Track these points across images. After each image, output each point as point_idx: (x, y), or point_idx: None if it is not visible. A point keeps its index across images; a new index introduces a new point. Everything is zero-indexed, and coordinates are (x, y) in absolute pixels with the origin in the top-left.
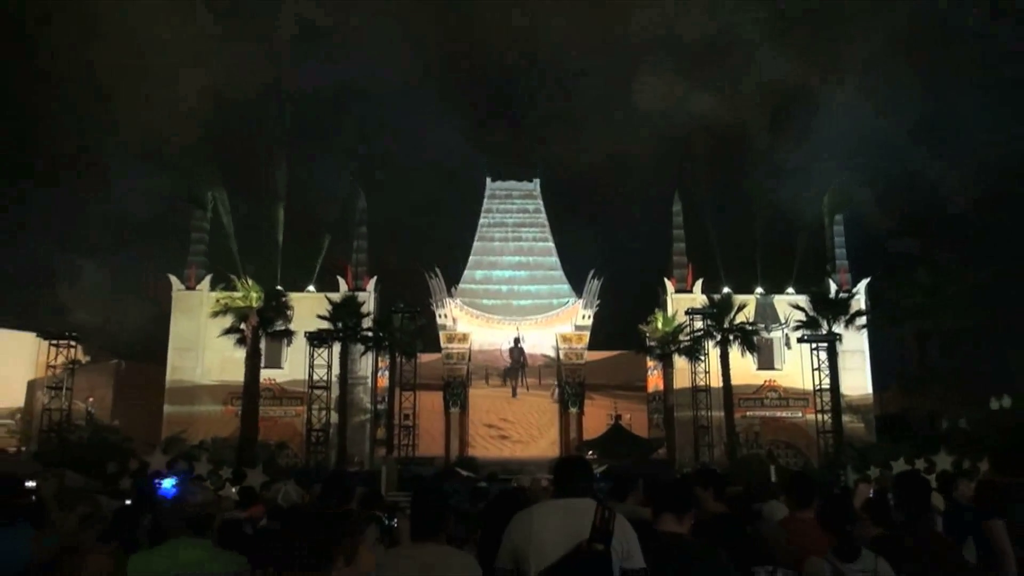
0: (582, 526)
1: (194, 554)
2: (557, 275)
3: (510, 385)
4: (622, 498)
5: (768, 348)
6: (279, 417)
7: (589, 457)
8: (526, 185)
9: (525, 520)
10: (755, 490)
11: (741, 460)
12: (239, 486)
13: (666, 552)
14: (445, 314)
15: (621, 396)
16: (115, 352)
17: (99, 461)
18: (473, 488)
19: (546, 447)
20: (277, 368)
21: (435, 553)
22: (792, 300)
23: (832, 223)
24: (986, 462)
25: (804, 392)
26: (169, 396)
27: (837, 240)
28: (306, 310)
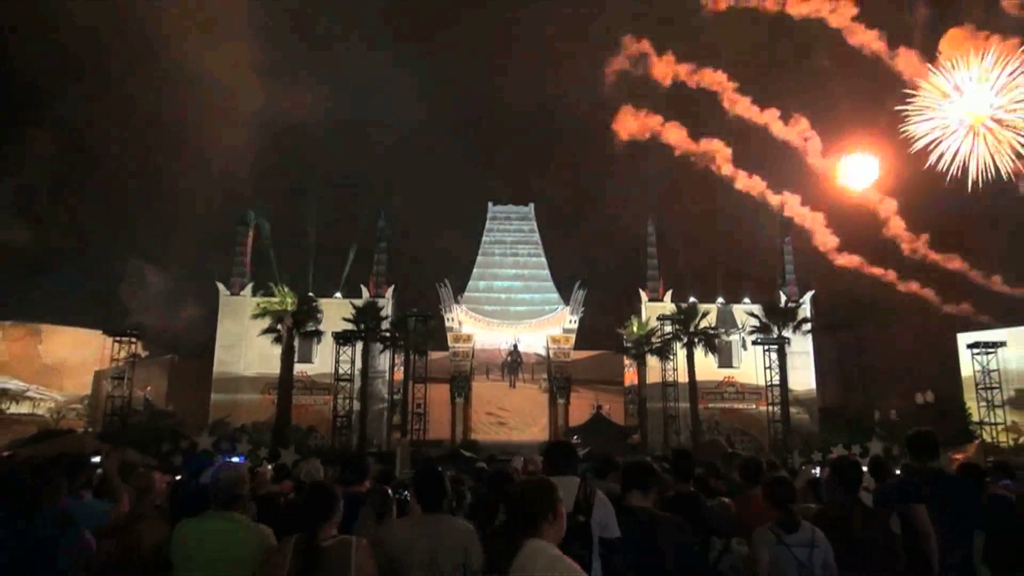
0: (567, 500)
1: (221, 524)
2: (548, 285)
3: (507, 379)
4: (603, 477)
5: (727, 349)
6: (309, 405)
7: (574, 441)
8: (522, 209)
9: None
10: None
11: (703, 445)
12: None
13: (633, 522)
14: (452, 318)
15: (602, 389)
16: (170, 348)
17: (155, 441)
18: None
19: (537, 432)
20: (308, 363)
21: (440, 521)
22: (748, 309)
23: (783, 243)
24: None
25: (758, 387)
26: (215, 386)
27: (787, 258)
28: (334, 313)
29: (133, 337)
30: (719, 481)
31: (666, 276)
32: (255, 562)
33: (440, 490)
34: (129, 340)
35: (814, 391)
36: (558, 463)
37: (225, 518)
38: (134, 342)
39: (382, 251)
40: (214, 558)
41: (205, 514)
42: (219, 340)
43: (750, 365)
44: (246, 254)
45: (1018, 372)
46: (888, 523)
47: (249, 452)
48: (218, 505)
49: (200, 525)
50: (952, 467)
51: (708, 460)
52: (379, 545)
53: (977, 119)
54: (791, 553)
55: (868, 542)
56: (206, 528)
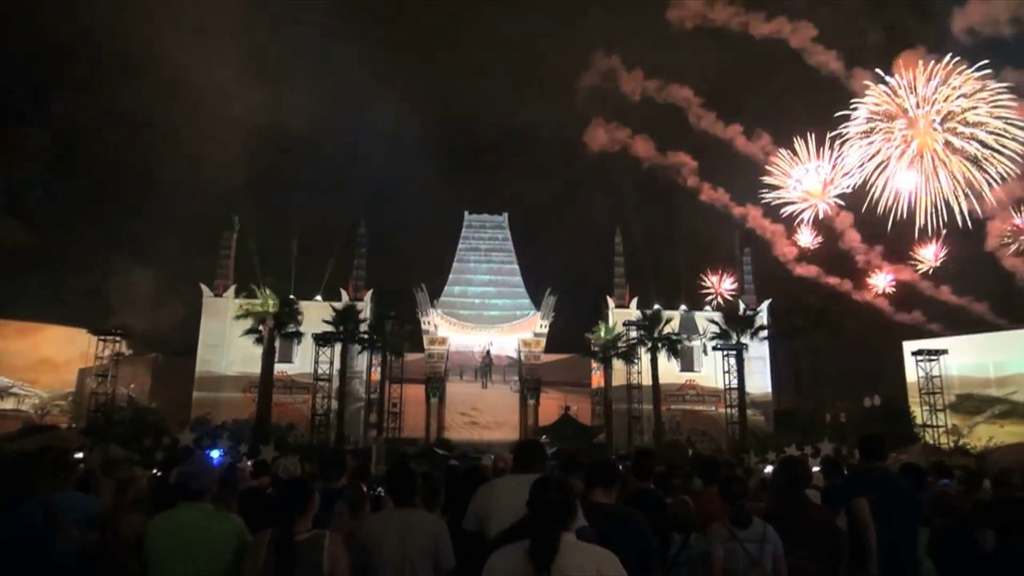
0: None
1: (192, 515)
2: (520, 291)
3: (480, 381)
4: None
5: (689, 354)
6: (289, 403)
7: (543, 441)
8: (496, 218)
9: (488, 491)
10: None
11: (665, 445)
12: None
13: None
14: (428, 321)
15: (570, 391)
16: (154, 347)
17: (138, 437)
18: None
19: (508, 431)
20: (288, 363)
21: (412, 515)
22: (709, 316)
23: (742, 255)
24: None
25: (717, 390)
26: (198, 384)
27: (746, 268)
28: (314, 315)
29: (118, 336)
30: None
31: (633, 284)
32: (227, 550)
33: (412, 485)
34: (113, 339)
35: (770, 394)
36: (526, 461)
37: (195, 508)
38: (119, 341)
39: (362, 256)
40: (186, 548)
41: (178, 506)
42: (202, 340)
43: (710, 369)
44: (230, 257)
45: (959, 378)
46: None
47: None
48: (188, 496)
49: (172, 516)
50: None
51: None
52: (353, 537)
53: (923, 141)
54: (743, 548)
55: (815, 537)
56: (177, 519)
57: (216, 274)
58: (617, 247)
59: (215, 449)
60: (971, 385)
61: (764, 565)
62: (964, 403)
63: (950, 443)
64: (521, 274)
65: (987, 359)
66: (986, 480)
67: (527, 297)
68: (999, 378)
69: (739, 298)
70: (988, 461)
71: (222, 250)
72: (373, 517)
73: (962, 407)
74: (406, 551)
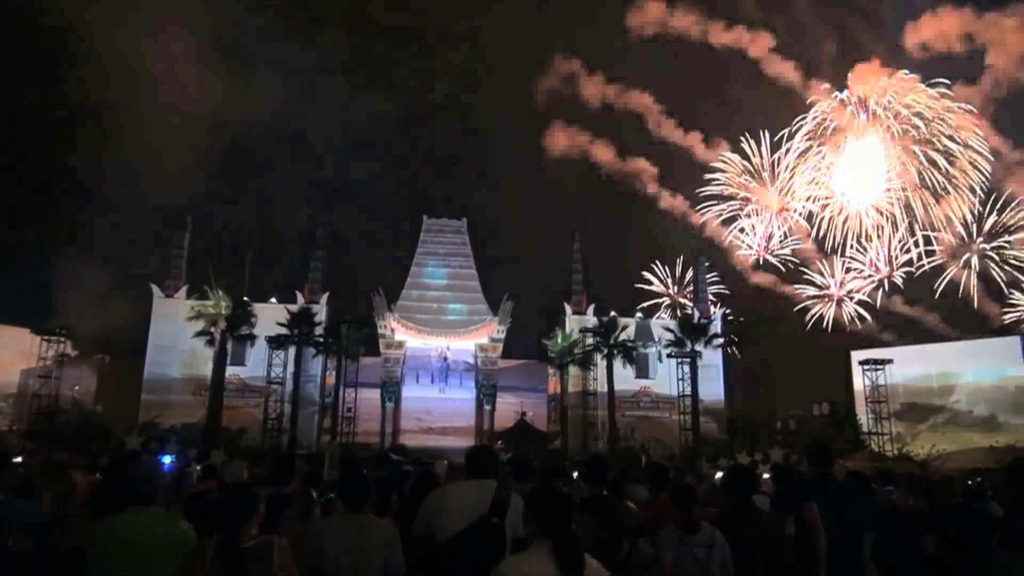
0: (484, 502)
1: (138, 519)
2: (478, 296)
3: (437, 386)
4: (522, 479)
5: (644, 361)
6: (241, 407)
7: (498, 446)
8: (455, 222)
9: (439, 496)
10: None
11: (619, 451)
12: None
13: None
14: (385, 325)
15: (526, 397)
16: (100, 348)
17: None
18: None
19: (464, 437)
20: (241, 366)
21: (363, 521)
22: (664, 324)
23: (698, 264)
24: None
25: (671, 397)
26: (146, 387)
27: (701, 277)
28: (268, 318)
29: (62, 336)
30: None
31: (590, 290)
32: (175, 556)
33: (363, 490)
34: (57, 339)
35: (722, 402)
36: (478, 466)
37: (143, 514)
38: (63, 341)
39: (318, 258)
40: (134, 554)
41: (125, 511)
42: (151, 341)
43: (665, 376)
44: (182, 257)
45: (904, 387)
46: (783, 524)
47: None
48: (135, 501)
49: (120, 522)
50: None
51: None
52: (302, 544)
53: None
54: (692, 553)
55: (762, 542)
56: (125, 524)
57: (167, 274)
58: (575, 253)
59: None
60: (916, 394)
61: (713, 570)
62: (909, 411)
63: (894, 450)
64: (479, 279)
65: (931, 369)
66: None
67: (485, 302)
68: (942, 387)
69: (694, 306)
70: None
71: (174, 250)
72: (323, 523)
73: (907, 415)
74: (357, 557)
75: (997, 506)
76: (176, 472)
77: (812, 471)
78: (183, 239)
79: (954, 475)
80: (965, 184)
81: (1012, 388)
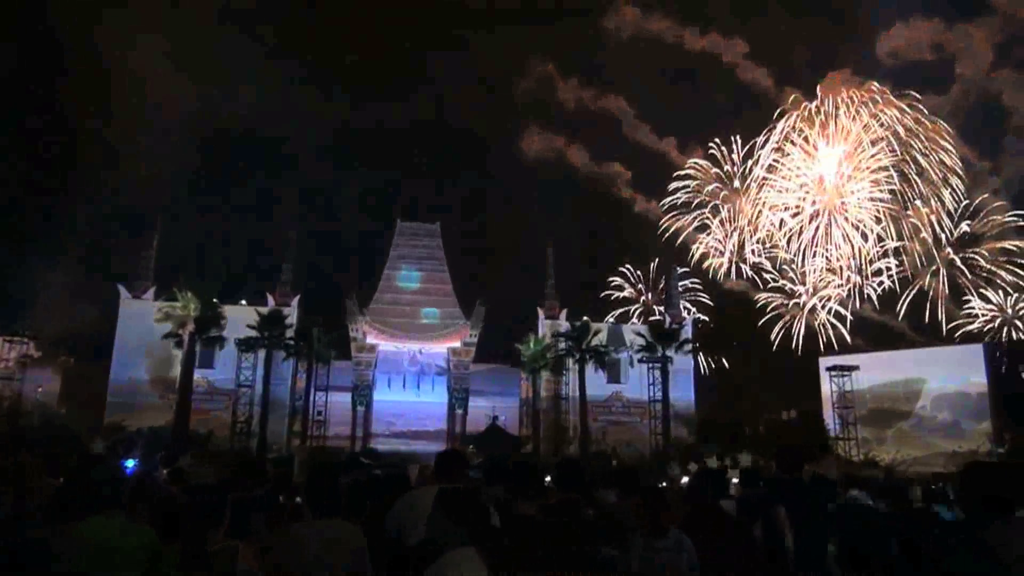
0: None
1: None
2: (451, 300)
3: (409, 390)
4: (492, 484)
5: (616, 366)
6: (209, 410)
7: (470, 451)
8: (429, 226)
9: (409, 499)
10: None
11: (591, 455)
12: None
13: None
14: (357, 329)
15: (499, 401)
16: (65, 349)
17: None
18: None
19: (436, 441)
20: (209, 368)
21: (331, 525)
22: (636, 329)
23: (669, 270)
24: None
25: (642, 402)
26: (112, 390)
27: (672, 283)
28: (238, 320)
29: (25, 337)
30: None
31: (563, 295)
32: (137, 562)
33: (331, 495)
34: (21, 340)
35: (693, 406)
36: (447, 470)
37: (103, 518)
38: (26, 342)
39: (290, 261)
40: (95, 560)
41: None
42: (118, 343)
43: (636, 381)
44: (151, 257)
45: (870, 393)
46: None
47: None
48: (96, 506)
49: (80, 527)
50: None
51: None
52: (269, 548)
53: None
54: (660, 556)
55: (729, 545)
56: (84, 530)
57: (136, 275)
58: (548, 258)
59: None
60: (882, 400)
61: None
62: (875, 417)
63: (860, 455)
64: (452, 283)
65: (898, 375)
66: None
67: (458, 306)
68: (908, 393)
69: (665, 312)
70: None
71: (143, 251)
72: (292, 527)
73: (873, 420)
74: (325, 561)
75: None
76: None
77: (781, 475)
78: (152, 239)
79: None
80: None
81: (975, 395)
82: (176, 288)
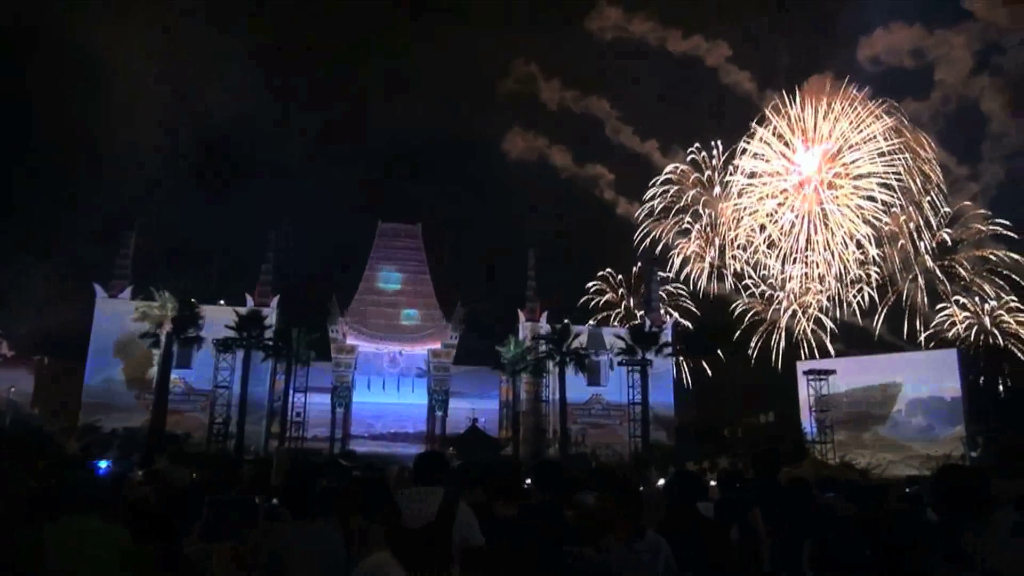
0: (432, 510)
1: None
2: (432, 302)
3: (388, 391)
4: (472, 487)
5: (596, 369)
6: (186, 411)
7: (450, 453)
8: (410, 227)
9: None
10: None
11: (571, 457)
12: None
13: (497, 529)
14: (337, 330)
15: (479, 403)
16: (39, 349)
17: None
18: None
19: (416, 443)
20: (187, 369)
21: (308, 527)
22: (616, 332)
23: (650, 273)
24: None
25: (622, 404)
26: (87, 390)
27: (652, 286)
28: (217, 320)
29: None
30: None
31: (544, 298)
32: (112, 564)
33: (311, 498)
34: None
35: (672, 409)
36: (426, 473)
37: (79, 521)
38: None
39: (270, 260)
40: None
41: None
42: (93, 343)
43: (616, 384)
44: (129, 256)
45: (847, 397)
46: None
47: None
48: (68, 508)
49: (55, 529)
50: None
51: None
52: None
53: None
54: (638, 558)
55: (705, 547)
56: (60, 532)
57: (113, 274)
58: (530, 260)
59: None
60: (858, 404)
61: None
62: (852, 420)
63: (837, 458)
64: (433, 285)
65: (874, 380)
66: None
67: (438, 308)
68: (883, 397)
69: (645, 315)
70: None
71: (120, 249)
72: (270, 530)
73: (850, 424)
74: (302, 564)
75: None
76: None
77: (757, 478)
78: (130, 239)
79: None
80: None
81: (948, 399)
82: (154, 287)
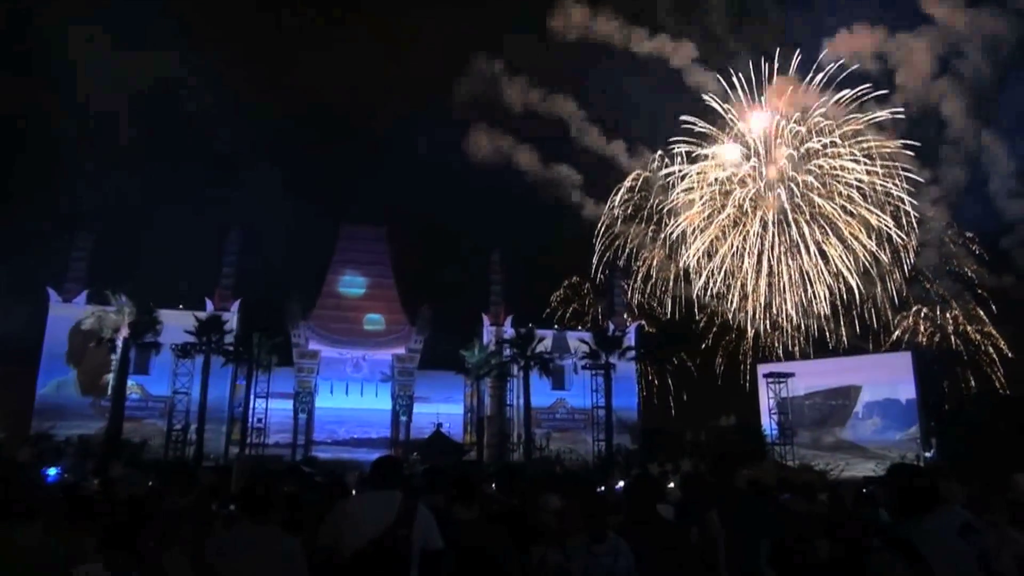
0: (388, 514)
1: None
2: (396, 306)
3: (351, 396)
4: (434, 491)
5: (560, 373)
6: (144, 418)
7: (413, 458)
8: (375, 229)
9: (343, 508)
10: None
11: (535, 461)
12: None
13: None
14: (299, 334)
15: (443, 407)
16: None
17: None
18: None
19: (380, 448)
20: (144, 375)
21: (264, 534)
22: (580, 336)
23: (612, 279)
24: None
25: (586, 409)
26: (40, 396)
27: (616, 291)
28: (175, 325)
29: None
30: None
31: (508, 302)
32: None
33: (265, 502)
34: None
35: (636, 413)
36: (380, 478)
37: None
38: None
39: (230, 264)
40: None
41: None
42: (47, 348)
43: (580, 388)
44: (84, 260)
45: (807, 400)
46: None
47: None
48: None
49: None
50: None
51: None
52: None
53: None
54: (598, 561)
55: (664, 550)
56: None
57: (67, 277)
58: (494, 264)
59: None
60: (818, 406)
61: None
62: (811, 423)
63: (796, 460)
64: (397, 288)
65: (832, 382)
66: (822, 494)
67: (403, 312)
68: (842, 400)
69: (609, 319)
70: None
71: (75, 252)
72: (224, 535)
73: (809, 426)
74: (256, 570)
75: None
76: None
77: (715, 480)
78: (86, 241)
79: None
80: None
81: (903, 401)
82: (110, 292)
